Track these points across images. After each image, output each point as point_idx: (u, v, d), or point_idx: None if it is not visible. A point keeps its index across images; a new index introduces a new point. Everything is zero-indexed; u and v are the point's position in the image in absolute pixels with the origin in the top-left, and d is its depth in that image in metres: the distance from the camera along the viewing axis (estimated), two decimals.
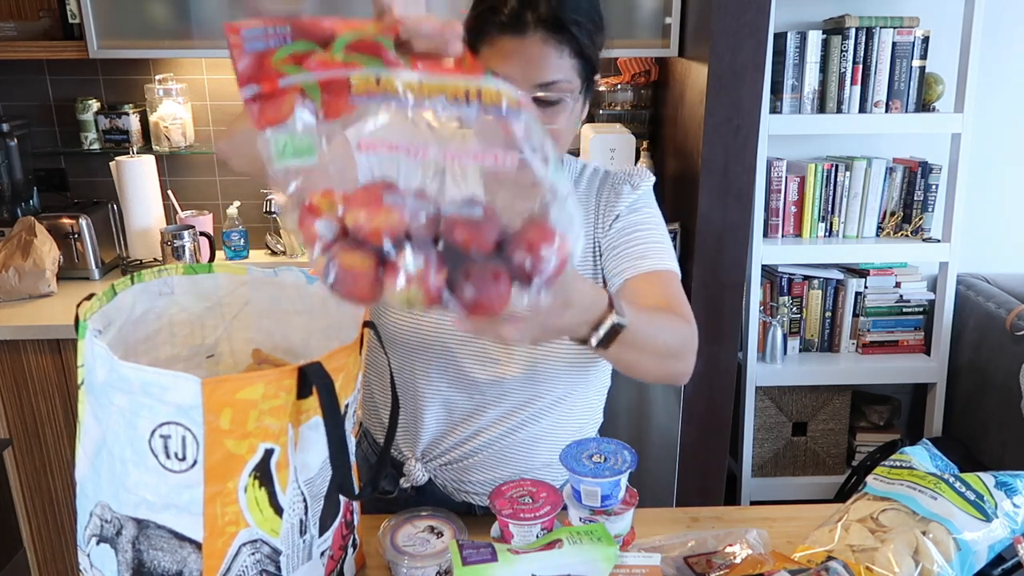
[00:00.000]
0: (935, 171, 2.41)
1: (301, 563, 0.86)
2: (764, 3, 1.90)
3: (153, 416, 0.76)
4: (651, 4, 2.15)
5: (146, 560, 0.80)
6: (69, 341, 2.00)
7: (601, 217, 1.13)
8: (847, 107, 2.31)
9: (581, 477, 0.97)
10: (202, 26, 2.13)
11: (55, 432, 2.08)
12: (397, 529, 1.05)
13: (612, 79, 2.48)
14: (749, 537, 1.00)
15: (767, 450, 2.58)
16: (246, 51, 0.64)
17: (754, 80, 1.94)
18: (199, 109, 2.47)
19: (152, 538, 0.79)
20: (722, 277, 2.08)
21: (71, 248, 2.27)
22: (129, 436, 0.78)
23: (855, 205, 2.43)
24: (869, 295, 2.52)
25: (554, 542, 0.92)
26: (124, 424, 0.78)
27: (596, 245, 1.13)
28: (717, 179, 2.00)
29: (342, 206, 0.64)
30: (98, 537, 0.82)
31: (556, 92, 0.98)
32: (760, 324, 2.46)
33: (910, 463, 1.06)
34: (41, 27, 2.23)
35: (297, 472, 0.84)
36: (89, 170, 2.50)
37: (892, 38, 2.27)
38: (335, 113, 0.64)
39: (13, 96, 2.44)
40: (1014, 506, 0.97)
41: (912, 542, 0.93)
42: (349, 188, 0.64)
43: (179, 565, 0.79)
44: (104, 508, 0.81)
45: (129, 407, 0.77)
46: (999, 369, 2.33)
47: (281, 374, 0.79)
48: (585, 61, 1.00)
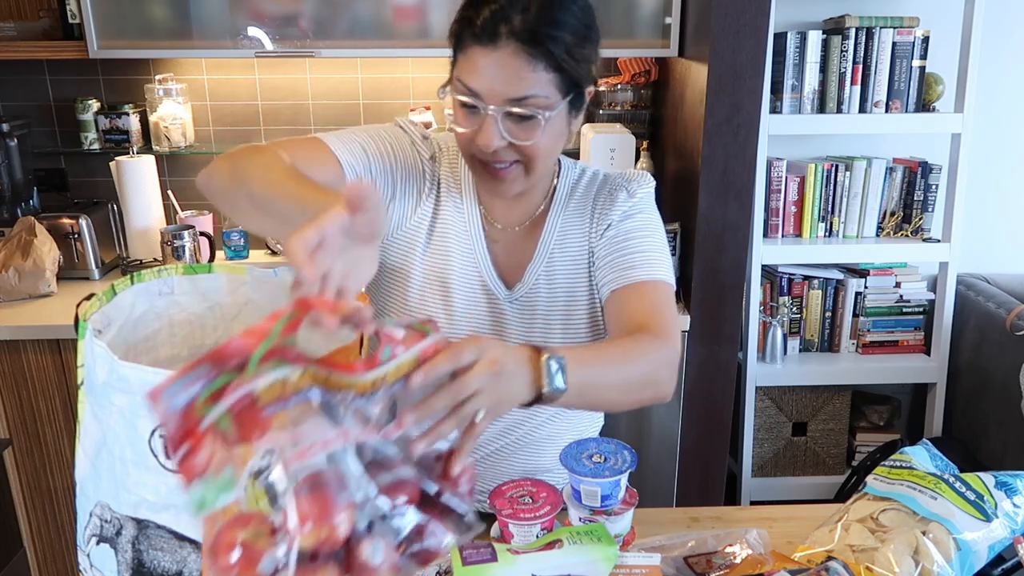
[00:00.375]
0: (935, 171, 2.41)
1: None
2: (764, 3, 1.90)
3: (153, 416, 0.76)
4: (651, 4, 2.15)
5: (146, 560, 0.80)
6: (69, 341, 2.00)
7: (595, 224, 1.12)
8: (847, 107, 2.31)
9: (581, 477, 0.97)
10: (202, 26, 2.13)
11: (55, 432, 2.08)
12: None
13: (612, 79, 2.48)
14: (749, 537, 1.00)
15: (767, 450, 2.58)
16: (171, 411, 0.60)
17: (754, 80, 1.95)
18: (199, 109, 2.47)
19: (152, 538, 0.79)
20: (722, 277, 2.08)
21: (71, 248, 2.27)
22: (129, 436, 0.78)
23: (855, 205, 2.43)
24: (869, 295, 2.52)
25: (554, 542, 0.92)
26: (124, 424, 0.78)
27: (590, 253, 1.13)
28: (717, 179, 2.00)
29: (290, 532, 0.60)
30: (98, 537, 0.82)
31: (529, 107, 0.94)
32: (760, 324, 2.46)
33: (910, 463, 1.06)
34: (41, 27, 2.24)
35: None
36: (89, 170, 2.50)
37: (892, 38, 2.27)
38: (250, 434, 0.61)
39: (13, 96, 2.44)
40: (1014, 506, 0.97)
41: (912, 542, 0.93)
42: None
43: (179, 565, 0.79)
44: (104, 508, 0.81)
45: (129, 407, 0.77)
46: (999, 369, 2.32)
47: None
48: (564, 75, 0.95)
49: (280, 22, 2.12)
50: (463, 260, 1.11)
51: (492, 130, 0.96)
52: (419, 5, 2.14)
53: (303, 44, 2.14)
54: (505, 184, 1.02)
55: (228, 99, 2.47)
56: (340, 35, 2.14)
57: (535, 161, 1.00)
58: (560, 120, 0.99)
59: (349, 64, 2.42)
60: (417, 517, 0.66)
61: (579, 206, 1.14)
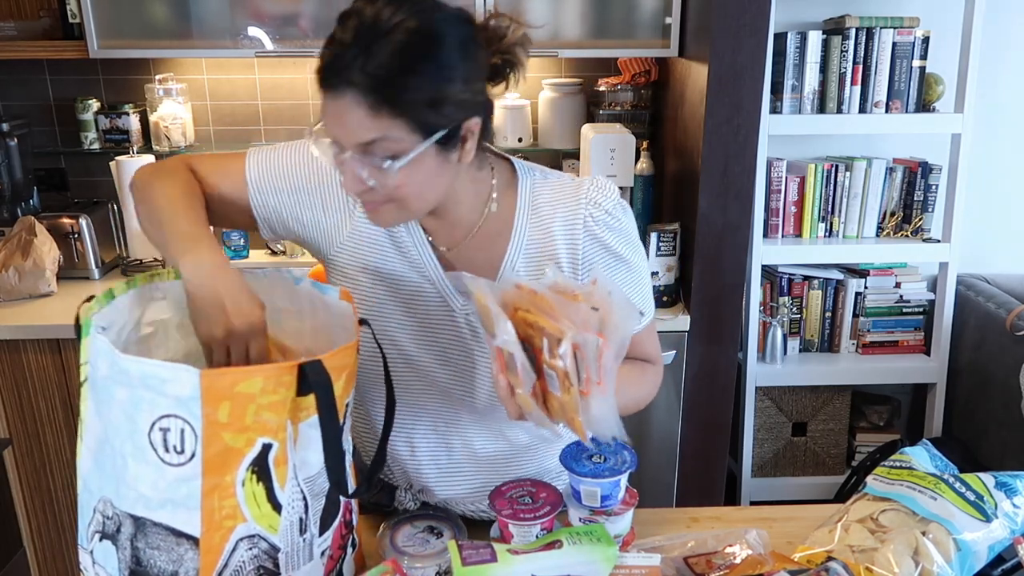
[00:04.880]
0: (935, 171, 2.41)
1: (303, 562, 0.86)
2: (764, 3, 1.90)
3: (153, 409, 0.77)
4: (651, 4, 2.15)
5: (143, 559, 0.80)
6: (69, 341, 2.00)
7: (583, 231, 1.07)
8: (847, 107, 2.31)
9: (581, 477, 0.97)
10: (202, 26, 2.13)
11: (55, 432, 2.08)
12: (397, 529, 1.05)
13: (612, 79, 2.48)
14: (749, 537, 1.01)
15: (767, 450, 2.58)
16: None
17: (754, 80, 1.95)
18: (199, 109, 2.47)
19: (149, 536, 0.79)
20: (722, 277, 2.08)
21: (71, 248, 2.27)
22: (129, 430, 0.78)
23: (855, 205, 2.43)
24: (869, 295, 2.51)
25: (554, 542, 0.92)
26: (124, 418, 0.78)
27: (578, 254, 1.08)
28: (717, 179, 2.00)
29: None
30: (100, 534, 0.83)
31: (380, 152, 0.90)
32: (760, 324, 2.46)
33: (910, 463, 1.06)
34: (41, 27, 2.24)
35: (296, 469, 0.84)
36: (89, 170, 2.50)
37: (892, 38, 2.27)
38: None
39: (13, 96, 2.44)
40: (1014, 506, 0.97)
41: (912, 542, 0.93)
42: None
43: (175, 565, 0.79)
44: (106, 504, 0.82)
45: (129, 400, 0.77)
46: (999, 369, 2.32)
47: (280, 370, 0.79)
48: (415, 119, 0.89)
49: (280, 22, 2.12)
50: (417, 276, 1.08)
51: (349, 175, 0.93)
52: None
53: (303, 44, 2.14)
54: (380, 217, 0.99)
55: (228, 99, 2.47)
56: None
57: (407, 201, 0.95)
58: (429, 160, 0.93)
59: None
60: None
61: (549, 212, 1.08)
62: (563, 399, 0.84)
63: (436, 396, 1.13)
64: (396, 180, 0.92)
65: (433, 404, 1.13)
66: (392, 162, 0.91)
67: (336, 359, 0.84)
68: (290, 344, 1.02)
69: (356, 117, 0.89)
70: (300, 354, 1.00)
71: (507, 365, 0.87)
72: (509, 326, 0.85)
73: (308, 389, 0.81)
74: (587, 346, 0.81)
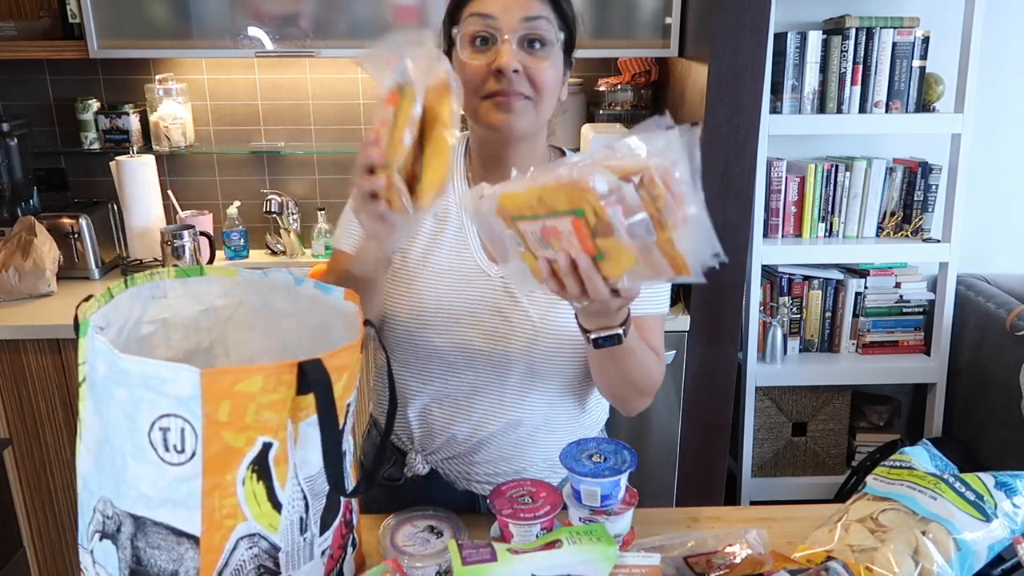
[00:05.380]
0: (935, 171, 2.41)
1: (304, 562, 0.86)
2: (764, 3, 1.90)
3: (153, 408, 0.77)
4: (651, 4, 2.15)
5: (143, 559, 0.80)
6: (69, 341, 2.00)
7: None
8: (847, 107, 2.31)
9: (581, 477, 0.97)
10: (202, 26, 2.13)
11: (55, 432, 2.08)
12: (397, 529, 1.05)
13: (612, 79, 2.48)
14: (749, 537, 1.00)
15: (767, 450, 2.58)
16: None
17: (754, 80, 1.95)
18: (199, 109, 2.47)
19: (149, 535, 0.79)
20: (722, 277, 2.08)
21: (71, 248, 2.27)
22: (129, 429, 0.78)
23: (855, 205, 2.43)
24: (869, 295, 2.52)
25: (554, 542, 0.92)
26: (124, 418, 0.78)
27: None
28: (717, 179, 2.00)
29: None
30: (101, 533, 0.83)
31: (540, 31, 1.04)
32: (760, 324, 2.46)
33: (910, 463, 1.06)
34: (41, 27, 2.24)
35: (296, 468, 0.84)
36: (89, 170, 2.50)
37: (892, 38, 2.27)
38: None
39: (13, 96, 2.44)
40: (1014, 506, 0.97)
41: (912, 542, 0.93)
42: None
43: (175, 564, 0.79)
44: (106, 504, 0.82)
45: (129, 400, 0.77)
46: (999, 369, 2.33)
47: (280, 368, 0.79)
48: (561, 18, 1.07)
49: (280, 22, 2.12)
50: (453, 238, 1.15)
51: (509, 51, 1.04)
52: (419, 5, 2.14)
53: (303, 44, 2.14)
54: (514, 115, 1.07)
55: (228, 99, 2.47)
56: (340, 35, 2.14)
57: (543, 93, 1.07)
58: (559, 63, 1.08)
59: (349, 64, 2.42)
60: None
61: None
62: (660, 240, 0.78)
63: (469, 364, 1.15)
64: (547, 61, 1.05)
65: (468, 374, 1.15)
66: (541, 46, 1.05)
67: (336, 359, 0.83)
68: (292, 345, 1.02)
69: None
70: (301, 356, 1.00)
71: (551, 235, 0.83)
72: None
73: (308, 388, 0.81)
74: (666, 171, 0.74)
